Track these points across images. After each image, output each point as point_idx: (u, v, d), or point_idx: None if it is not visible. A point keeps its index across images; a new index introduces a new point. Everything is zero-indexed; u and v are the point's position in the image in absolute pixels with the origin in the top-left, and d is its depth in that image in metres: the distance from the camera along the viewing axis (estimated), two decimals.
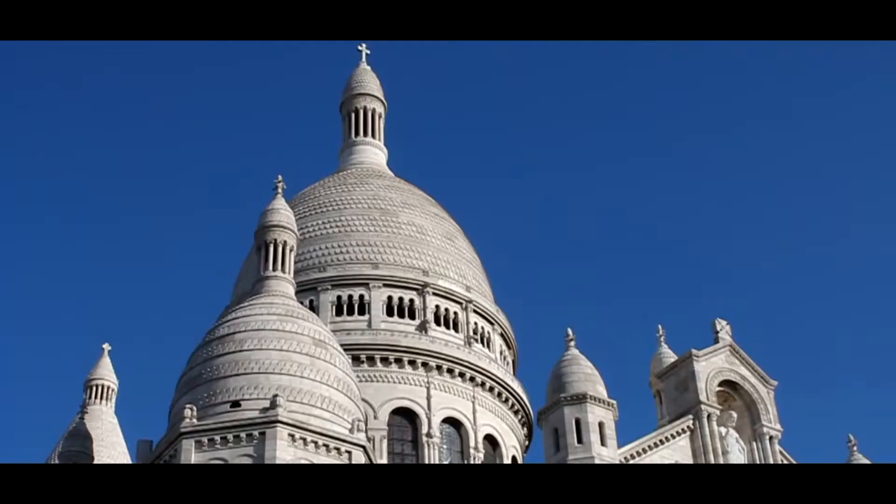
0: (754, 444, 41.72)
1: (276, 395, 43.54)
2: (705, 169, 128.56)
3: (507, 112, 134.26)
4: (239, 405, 44.25)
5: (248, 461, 42.47)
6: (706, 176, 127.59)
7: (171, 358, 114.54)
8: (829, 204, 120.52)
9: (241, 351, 45.74)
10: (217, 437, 43.07)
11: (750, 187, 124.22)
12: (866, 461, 44.84)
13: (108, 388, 69.03)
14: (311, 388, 45.21)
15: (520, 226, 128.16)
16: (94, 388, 68.40)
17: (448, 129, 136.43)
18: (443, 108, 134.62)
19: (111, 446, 65.33)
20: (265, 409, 43.44)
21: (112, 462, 64.42)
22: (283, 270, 50.16)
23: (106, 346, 71.24)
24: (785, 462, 41.93)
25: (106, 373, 69.50)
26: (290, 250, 50.86)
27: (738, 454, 41.12)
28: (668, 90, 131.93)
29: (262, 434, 42.79)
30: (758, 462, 41.20)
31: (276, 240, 50.44)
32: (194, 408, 43.93)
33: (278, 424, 42.81)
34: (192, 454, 42.86)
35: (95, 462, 55.24)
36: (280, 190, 52.37)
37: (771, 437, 41.87)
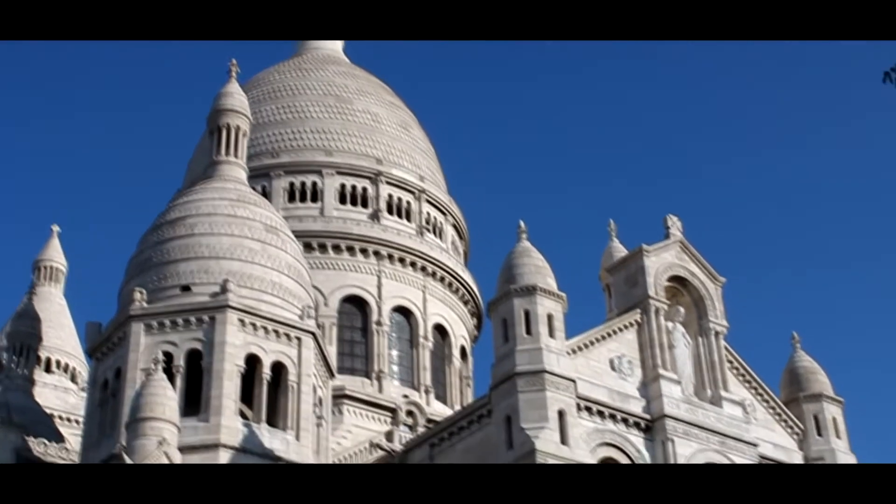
0: (700, 339, 42.21)
1: (226, 280, 43.55)
2: (661, 66, 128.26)
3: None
4: (189, 290, 44.25)
5: (197, 346, 42.62)
6: (662, 72, 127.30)
7: (121, 241, 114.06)
8: (783, 104, 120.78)
9: (191, 235, 45.60)
10: (167, 321, 43.14)
11: (704, 85, 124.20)
12: (809, 358, 45.64)
13: (57, 269, 68.68)
14: (262, 274, 45.23)
15: (475, 116, 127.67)
16: (43, 270, 68.04)
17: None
18: None
19: (59, 328, 65.26)
20: (215, 294, 43.49)
21: (61, 344, 64.44)
22: (235, 155, 49.81)
23: (55, 228, 70.76)
24: (729, 358, 42.58)
25: (55, 254, 69.09)
26: (243, 135, 50.46)
27: (683, 349, 41.62)
28: None
29: (213, 319, 42.92)
30: (702, 356, 41.81)
31: (228, 124, 50.00)
32: (144, 291, 43.89)
33: (228, 309, 42.91)
34: (140, 337, 42.93)
35: (43, 343, 55.19)
36: (234, 74, 51.75)
37: (717, 333, 42.37)
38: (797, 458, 42.23)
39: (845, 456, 42.54)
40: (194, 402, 41.83)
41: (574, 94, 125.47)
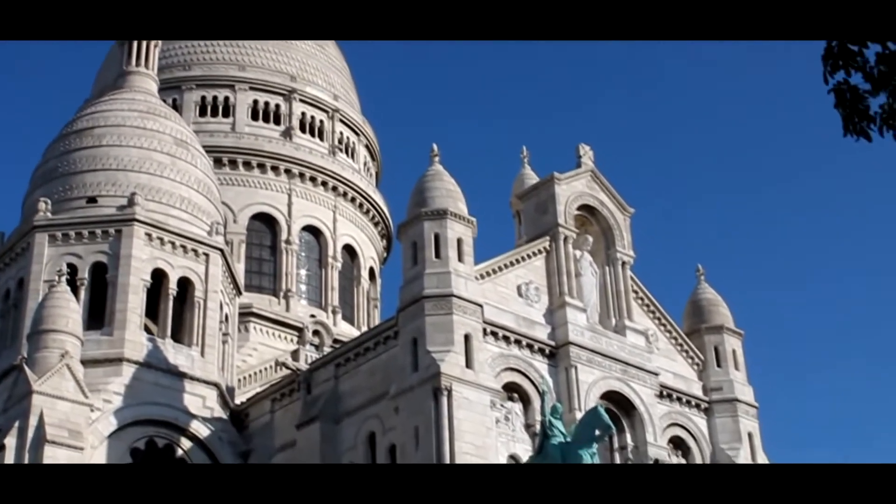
0: (607, 268, 42.65)
1: (134, 194, 43.05)
2: None
3: None
4: (95, 201, 43.71)
5: (102, 258, 42.18)
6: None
7: (26, 150, 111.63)
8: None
9: (99, 146, 44.93)
10: (72, 233, 42.60)
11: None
12: (712, 291, 46.41)
13: None
14: (171, 189, 44.79)
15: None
16: None
17: None
18: None
19: None
20: (122, 207, 43.00)
21: None
22: (146, 66, 49.00)
23: None
24: (634, 288, 43.15)
25: None
26: (155, 46, 49.60)
27: (590, 277, 42.05)
28: None
29: (119, 232, 42.48)
30: (608, 285, 42.32)
31: None
32: (49, 202, 43.24)
33: (135, 223, 42.48)
34: (44, 248, 42.36)
35: None
36: None
37: (623, 263, 42.84)
38: (696, 387, 43.09)
39: (742, 387, 43.50)
40: (98, 315, 41.47)
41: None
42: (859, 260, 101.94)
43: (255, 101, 57.36)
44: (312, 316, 53.07)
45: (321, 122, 58.72)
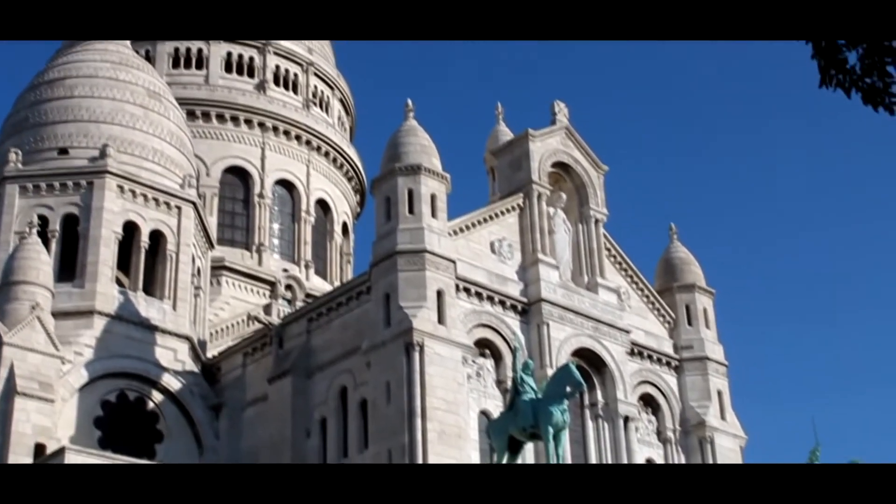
0: (580, 225, 42.75)
1: (106, 145, 42.79)
2: None
3: None
4: (67, 153, 43.43)
5: (74, 210, 41.98)
6: None
7: None
8: None
9: (70, 97, 44.58)
10: (43, 184, 42.36)
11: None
12: (684, 249, 46.60)
13: None
14: (143, 141, 44.52)
15: None
16: None
17: None
18: None
19: None
20: (94, 159, 42.75)
21: None
22: None
23: None
24: (607, 245, 43.27)
25: None
26: None
27: (563, 235, 42.14)
28: None
29: (91, 184, 42.25)
30: (581, 244, 42.41)
31: None
32: (19, 152, 42.94)
33: (107, 175, 42.26)
34: (15, 199, 42.13)
35: None
36: None
37: (597, 221, 42.92)
38: (667, 345, 43.33)
39: (713, 345, 43.78)
40: (70, 267, 41.30)
41: None
42: (830, 219, 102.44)
43: (229, 54, 56.94)
44: (285, 270, 53.00)
45: (295, 75, 58.38)
